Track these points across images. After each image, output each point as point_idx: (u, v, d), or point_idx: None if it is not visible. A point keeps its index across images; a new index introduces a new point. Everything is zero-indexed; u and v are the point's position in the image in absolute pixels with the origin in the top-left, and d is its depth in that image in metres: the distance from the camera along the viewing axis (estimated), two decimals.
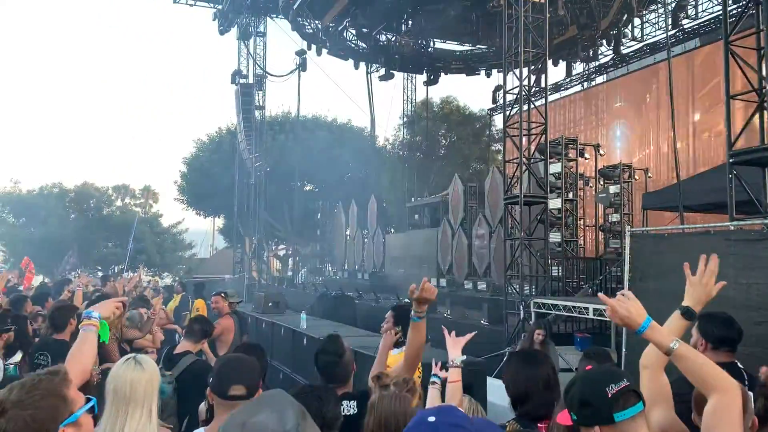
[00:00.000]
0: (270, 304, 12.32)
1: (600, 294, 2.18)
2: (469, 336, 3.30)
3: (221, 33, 27.32)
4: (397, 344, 4.25)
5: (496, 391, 6.50)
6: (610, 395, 1.80)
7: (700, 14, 20.19)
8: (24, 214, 37.00)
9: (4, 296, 7.42)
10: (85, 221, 36.48)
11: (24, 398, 1.52)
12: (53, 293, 8.62)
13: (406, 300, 9.58)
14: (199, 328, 4.93)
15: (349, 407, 3.05)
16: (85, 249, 34.01)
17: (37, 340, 5.20)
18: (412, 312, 3.25)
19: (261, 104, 26.76)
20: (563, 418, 1.97)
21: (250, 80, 26.79)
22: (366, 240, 23.55)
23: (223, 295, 7.27)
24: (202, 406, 3.16)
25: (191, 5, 28.02)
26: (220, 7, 26.94)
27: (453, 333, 3.36)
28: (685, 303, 2.29)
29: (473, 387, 5.93)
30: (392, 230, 25.89)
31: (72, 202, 37.94)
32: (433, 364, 3.32)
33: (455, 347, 3.25)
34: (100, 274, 30.72)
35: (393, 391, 2.54)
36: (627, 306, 2.08)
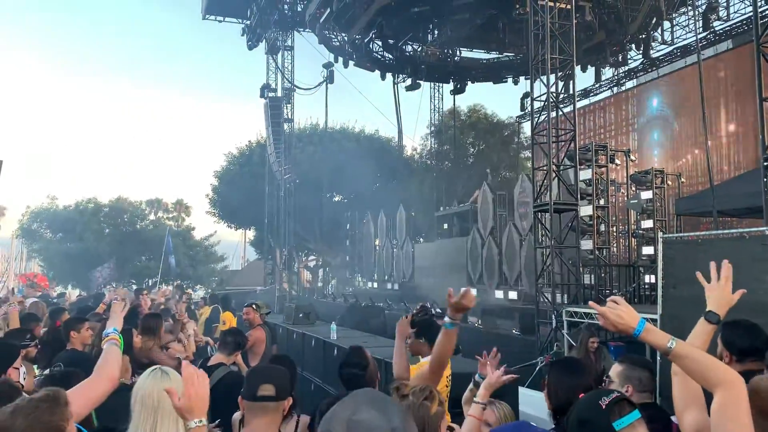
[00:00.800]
0: (301, 315, 12.37)
1: (591, 302, 2.18)
2: (504, 379, 3.20)
3: (250, 48, 27.74)
4: (421, 353, 4.25)
5: (528, 401, 6.44)
6: (604, 406, 1.82)
7: (731, 15, 19.82)
8: (60, 230, 37.83)
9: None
10: (119, 235, 37.16)
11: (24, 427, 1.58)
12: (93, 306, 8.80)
13: (438, 310, 9.54)
14: (232, 341, 4.98)
15: None
16: (120, 263, 34.62)
17: None
18: (446, 318, 3.22)
19: (289, 117, 27.05)
20: None
21: (279, 93, 27.12)
22: (395, 250, 23.56)
23: (254, 306, 7.33)
24: (236, 416, 3.19)
25: (220, 21, 28.55)
26: (248, 22, 27.37)
27: (492, 365, 3.30)
28: (708, 308, 2.27)
29: (504, 397, 5.89)
30: (421, 240, 25.86)
31: (106, 216, 38.70)
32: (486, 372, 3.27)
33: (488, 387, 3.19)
34: (134, 287, 31.24)
35: (411, 400, 2.53)
36: (618, 312, 2.07)
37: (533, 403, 5.88)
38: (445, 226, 23.63)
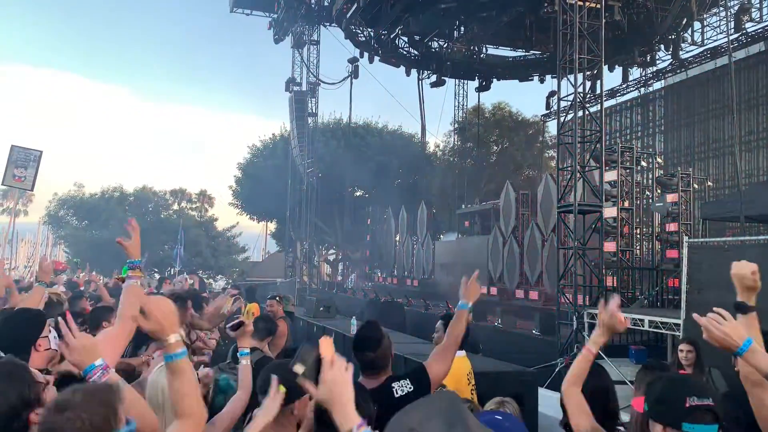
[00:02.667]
0: (321, 308, 12.45)
1: (695, 315, 2.14)
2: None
3: (276, 42, 27.86)
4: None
5: (547, 402, 6.42)
6: (687, 406, 1.80)
7: (764, 17, 19.45)
8: (87, 217, 38.44)
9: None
10: (143, 224, 37.61)
11: (84, 403, 1.61)
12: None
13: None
14: (264, 326, 5.11)
15: (402, 387, 3.03)
16: (144, 251, 35.13)
17: None
18: (460, 301, 3.30)
19: (314, 111, 27.15)
20: (637, 403, 2.00)
21: (304, 87, 27.21)
22: (415, 246, 23.56)
23: (278, 299, 7.40)
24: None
25: (247, 14, 28.69)
26: (275, 15, 27.48)
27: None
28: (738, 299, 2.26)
29: (524, 397, 5.88)
30: (442, 237, 25.83)
31: (131, 205, 39.22)
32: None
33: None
34: (157, 276, 31.65)
35: None
36: (723, 329, 2.04)
37: (553, 404, 5.86)
38: (467, 224, 23.57)
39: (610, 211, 12.83)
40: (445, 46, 25.02)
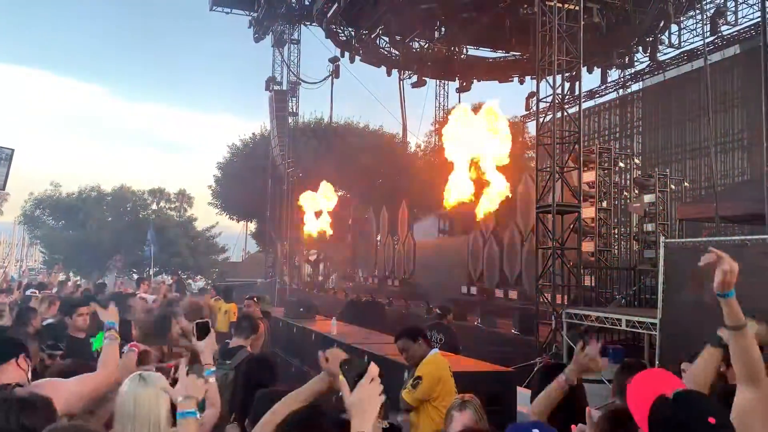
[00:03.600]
0: (301, 309, 12.39)
1: (711, 249, 2.17)
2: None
3: (256, 41, 27.76)
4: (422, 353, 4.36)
5: (526, 401, 6.47)
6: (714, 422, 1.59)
7: (740, 20, 19.78)
8: (63, 217, 37.87)
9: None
10: (121, 224, 37.21)
11: None
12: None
13: (437, 310, 9.53)
14: (248, 325, 5.31)
15: None
16: (123, 252, 34.69)
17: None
18: None
19: (294, 110, 27.06)
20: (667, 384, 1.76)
21: (284, 87, 27.12)
22: (396, 246, 23.57)
23: (255, 299, 7.38)
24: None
25: (227, 12, 28.52)
26: (255, 14, 27.35)
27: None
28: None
29: (503, 396, 5.91)
30: (423, 237, 25.84)
31: (109, 205, 38.73)
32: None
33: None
34: (135, 276, 31.31)
35: None
36: (733, 269, 2.14)
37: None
38: (448, 223, 23.60)
39: (588, 212, 12.95)
40: (425, 46, 25.08)
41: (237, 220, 39.29)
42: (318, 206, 27.53)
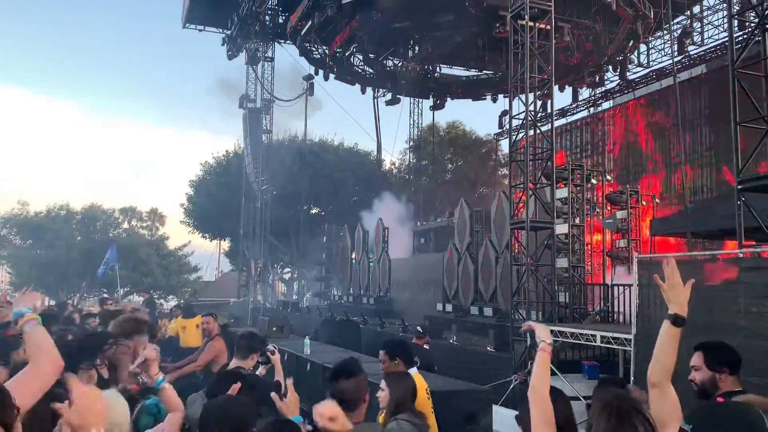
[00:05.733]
0: (274, 328, 12.22)
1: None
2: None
3: (230, 58, 27.63)
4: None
5: (502, 420, 6.38)
6: None
7: (705, 41, 20.26)
8: (31, 236, 37.10)
9: None
10: (91, 243, 36.54)
11: None
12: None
13: (419, 329, 9.45)
14: (245, 344, 4.88)
15: None
16: (92, 271, 34.02)
17: None
18: None
19: (268, 128, 26.94)
20: None
21: (258, 104, 27.00)
22: (371, 264, 23.46)
23: (213, 315, 7.22)
24: None
25: (200, 30, 28.41)
26: (229, 32, 27.26)
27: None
28: (671, 311, 2.41)
29: (479, 415, 5.83)
30: (398, 254, 25.80)
31: (78, 224, 38.05)
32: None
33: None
34: (105, 296, 30.68)
35: None
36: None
37: (507, 421, 5.83)
38: (422, 241, 23.59)
39: (561, 228, 13.01)
40: (399, 64, 25.22)
41: (210, 239, 38.89)
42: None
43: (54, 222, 36.62)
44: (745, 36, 9.18)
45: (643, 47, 21.79)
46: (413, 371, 4.38)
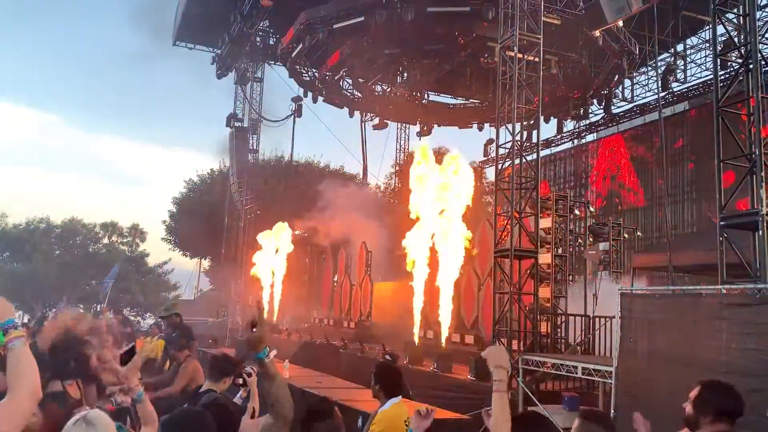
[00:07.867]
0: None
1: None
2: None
3: (219, 77, 27.63)
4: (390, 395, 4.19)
5: None
6: None
7: (689, 78, 20.69)
8: (8, 249, 36.55)
9: None
10: (70, 257, 36.06)
11: None
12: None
13: (387, 356, 9.37)
14: (218, 367, 4.87)
15: None
16: (70, 286, 33.53)
17: None
18: None
19: (255, 148, 26.89)
20: None
21: (245, 124, 26.98)
22: (353, 287, 23.32)
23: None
24: None
25: (190, 48, 28.42)
26: (219, 51, 27.32)
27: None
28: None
29: None
30: (380, 278, 25.68)
31: (58, 237, 37.57)
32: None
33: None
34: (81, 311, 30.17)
35: None
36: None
37: None
38: (405, 265, 23.47)
39: (544, 257, 13.04)
40: (388, 90, 25.40)
41: (190, 257, 38.53)
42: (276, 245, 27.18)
43: (32, 235, 36.14)
44: (728, 75, 9.38)
45: (627, 82, 22.19)
46: (396, 400, 4.29)
